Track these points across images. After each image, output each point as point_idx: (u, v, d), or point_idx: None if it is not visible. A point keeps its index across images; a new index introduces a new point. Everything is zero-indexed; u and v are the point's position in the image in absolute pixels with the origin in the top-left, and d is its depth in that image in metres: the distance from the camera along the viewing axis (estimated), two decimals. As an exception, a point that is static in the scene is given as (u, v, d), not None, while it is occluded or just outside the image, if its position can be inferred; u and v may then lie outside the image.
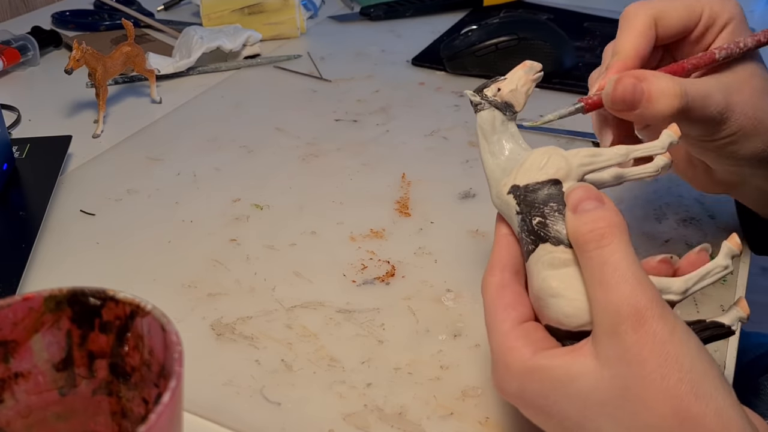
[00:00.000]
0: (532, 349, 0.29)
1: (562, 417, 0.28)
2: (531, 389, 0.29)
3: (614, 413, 0.27)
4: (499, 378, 0.31)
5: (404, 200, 0.55)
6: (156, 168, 0.59)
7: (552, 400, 0.28)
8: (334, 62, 0.80)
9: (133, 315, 0.28)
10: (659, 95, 0.34)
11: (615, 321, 0.27)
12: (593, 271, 0.29)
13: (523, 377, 0.29)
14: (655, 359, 0.26)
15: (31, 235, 0.48)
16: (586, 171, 0.32)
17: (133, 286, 0.45)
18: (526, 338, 0.30)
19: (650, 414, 0.26)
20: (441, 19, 0.93)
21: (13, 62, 0.76)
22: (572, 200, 0.30)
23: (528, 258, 0.32)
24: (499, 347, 0.30)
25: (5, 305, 0.28)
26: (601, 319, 0.28)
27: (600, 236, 0.28)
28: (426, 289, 0.45)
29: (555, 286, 0.30)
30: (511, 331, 0.31)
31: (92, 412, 0.30)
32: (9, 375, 0.29)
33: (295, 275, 0.46)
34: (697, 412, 0.26)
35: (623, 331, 0.27)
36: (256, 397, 0.38)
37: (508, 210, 0.33)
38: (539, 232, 0.31)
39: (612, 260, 0.28)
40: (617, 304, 0.27)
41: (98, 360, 0.29)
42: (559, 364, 0.28)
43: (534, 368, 0.29)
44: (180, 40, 0.79)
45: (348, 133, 0.65)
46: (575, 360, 0.28)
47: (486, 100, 0.34)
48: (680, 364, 0.27)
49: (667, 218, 0.52)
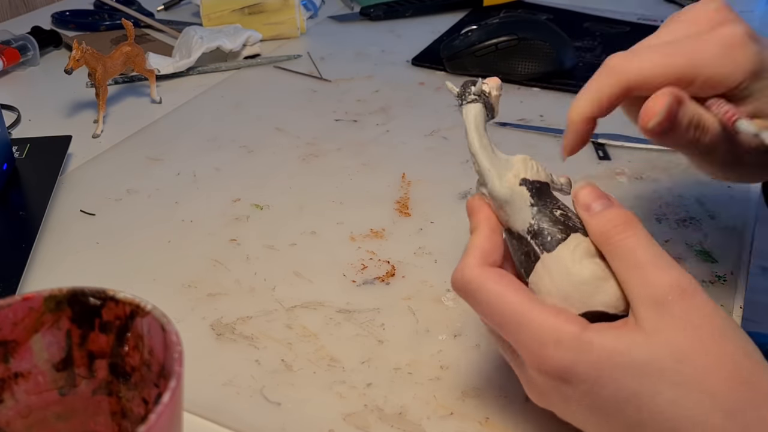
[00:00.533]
0: (578, 325, 0.29)
1: (617, 387, 0.29)
2: (585, 361, 0.29)
3: (673, 377, 0.28)
4: (546, 355, 0.30)
5: (404, 200, 0.55)
6: (156, 168, 0.59)
7: (607, 372, 0.29)
8: (334, 62, 0.80)
9: (133, 315, 0.28)
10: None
11: (660, 294, 0.28)
12: (626, 257, 0.30)
13: (578, 351, 0.29)
14: (707, 327, 0.28)
15: (31, 235, 0.48)
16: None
17: (133, 286, 0.45)
18: (565, 314, 0.30)
19: (711, 376, 0.27)
20: (441, 19, 0.93)
21: (13, 62, 0.76)
22: (582, 199, 0.32)
23: (554, 248, 0.32)
24: (541, 325, 0.30)
25: (5, 305, 0.28)
26: (642, 297, 0.29)
27: (622, 229, 0.30)
28: (426, 289, 0.45)
29: (603, 269, 0.31)
30: (545, 310, 0.30)
31: (92, 412, 0.30)
32: (9, 375, 0.29)
33: (295, 275, 0.46)
34: (754, 375, 0.28)
35: (670, 301, 0.28)
36: (256, 397, 0.38)
37: (519, 200, 0.33)
38: (567, 223, 0.32)
39: (641, 244, 0.30)
40: (659, 280, 0.29)
41: (98, 360, 0.29)
42: (612, 337, 0.29)
43: (588, 341, 0.29)
44: (180, 40, 0.79)
45: (348, 133, 0.65)
46: (626, 334, 0.29)
47: (483, 94, 0.35)
48: (728, 336, 0.28)
49: (667, 218, 0.52)
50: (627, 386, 0.28)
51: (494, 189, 0.33)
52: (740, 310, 0.44)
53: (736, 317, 0.43)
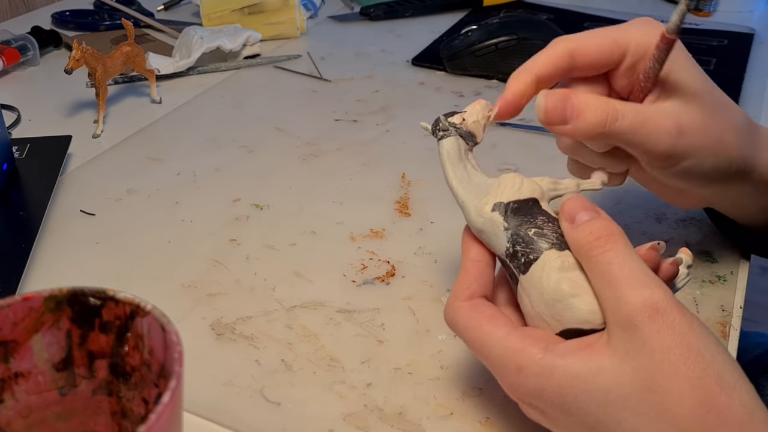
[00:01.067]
0: (540, 347, 0.29)
1: (582, 414, 0.28)
2: (549, 387, 0.29)
3: (638, 406, 0.27)
4: (512, 383, 0.30)
5: (404, 200, 0.55)
6: (156, 168, 0.59)
7: (572, 397, 0.28)
8: (334, 62, 0.80)
9: (133, 315, 0.28)
10: (585, 107, 0.34)
11: (630, 314, 0.27)
12: (601, 273, 0.29)
13: (540, 377, 0.29)
14: (678, 349, 0.27)
15: (31, 235, 0.48)
16: (551, 195, 0.35)
17: (133, 286, 0.45)
18: (529, 338, 0.30)
19: (676, 404, 0.27)
20: (441, 19, 0.93)
21: (13, 62, 0.76)
22: (567, 210, 0.31)
23: (528, 269, 0.32)
24: (503, 353, 0.30)
25: (5, 305, 0.28)
26: (615, 316, 0.28)
27: (603, 242, 0.29)
28: (426, 289, 0.45)
29: (572, 285, 0.30)
30: (510, 335, 0.30)
31: (92, 412, 0.30)
32: (9, 375, 0.29)
33: (295, 275, 0.46)
34: (723, 402, 0.26)
35: (640, 321, 0.27)
36: (256, 397, 0.38)
37: (493, 227, 0.33)
38: (539, 242, 0.32)
39: (618, 260, 0.29)
40: (630, 298, 0.28)
41: (98, 360, 0.29)
42: (575, 361, 0.28)
43: (550, 366, 0.29)
44: (180, 40, 0.79)
45: (348, 133, 0.65)
46: (591, 356, 0.28)
47: (453, 127, 0.35)
48: (702, 356, 0.27)
49: (666, 218, 0.52)
50: (591, 413, 0.28)
51: (470, 220, 0.34)
52: (740, 310, 0.44)
53: (736, 317, 0.43)
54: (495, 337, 0.31)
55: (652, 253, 0.32)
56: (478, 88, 0.73)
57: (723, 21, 0.89)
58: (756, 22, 0.89)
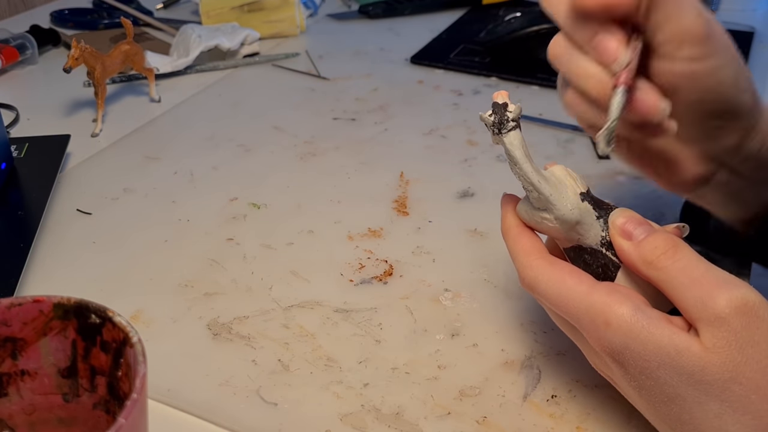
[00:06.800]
0: (629, 305, 0.30)
1: (662, 381, 0.29)
2: (635, 348, 0.29)
3: (721, 394, 0.28)
4: (600, 337, 0.30)
5: (402, 199, 0.55)
6: (153, 167, 0.59)
7: (655, 365, 0.29)
8: (333, 60, 0.80)
9: (125, 342, 0.28)
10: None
11: (719, 310, 0.28)
12: (678, 279, 0.29)
13: (628, 335, 0.29)
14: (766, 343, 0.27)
15: (29, 235, 0.48)
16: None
17: (130, 286, 0.45)
18: (615, 293, 0.30)
19: (763, 399, 0.27)
20: (439, 17, 0.93)
21: (11, 61, 0.76)
22: (621, 227, 0.32)
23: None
24: (590, 307, 0.30)
25: (17, 303, 0.28)
26: (702, 314, 0.28)
27: (672, 254, 0.30)
28: (424, 289, 0.45)
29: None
30: (595, 289, 0.31)
31: (92, 425, 0.30)
32: (16, 371, 0.29)
33: (293, 275, 0.46)
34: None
35: (729, 316, 0.28)
36: (253, 397, 0.37)
37: (587, 217, 0.33)
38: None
39: (692, 264, 0.29)
40: (718, 296, 0.28)
41: (99, 376, 0.29)
42: (663, 332, 0.29)
43: (639, 328, 0.29)
44: (177, 38, 0.78)
45: (346, 131, 0.65)
46: (682, 335, 0.28)
47: (516, 119, 0.33)
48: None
49: (666, 218, 0.52)
50: (672, 385, 0.29)
51: (564, 214, 0.33)
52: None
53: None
54: (579, 291, 0.31)
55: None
56: (477, 86, 0.73)
57: (724, 19, 0.88)
58: (757, 20, 0.89)
